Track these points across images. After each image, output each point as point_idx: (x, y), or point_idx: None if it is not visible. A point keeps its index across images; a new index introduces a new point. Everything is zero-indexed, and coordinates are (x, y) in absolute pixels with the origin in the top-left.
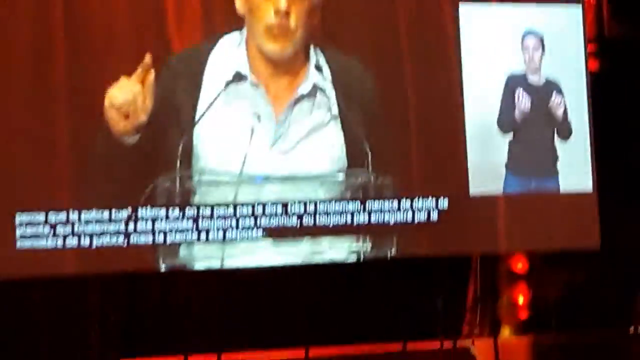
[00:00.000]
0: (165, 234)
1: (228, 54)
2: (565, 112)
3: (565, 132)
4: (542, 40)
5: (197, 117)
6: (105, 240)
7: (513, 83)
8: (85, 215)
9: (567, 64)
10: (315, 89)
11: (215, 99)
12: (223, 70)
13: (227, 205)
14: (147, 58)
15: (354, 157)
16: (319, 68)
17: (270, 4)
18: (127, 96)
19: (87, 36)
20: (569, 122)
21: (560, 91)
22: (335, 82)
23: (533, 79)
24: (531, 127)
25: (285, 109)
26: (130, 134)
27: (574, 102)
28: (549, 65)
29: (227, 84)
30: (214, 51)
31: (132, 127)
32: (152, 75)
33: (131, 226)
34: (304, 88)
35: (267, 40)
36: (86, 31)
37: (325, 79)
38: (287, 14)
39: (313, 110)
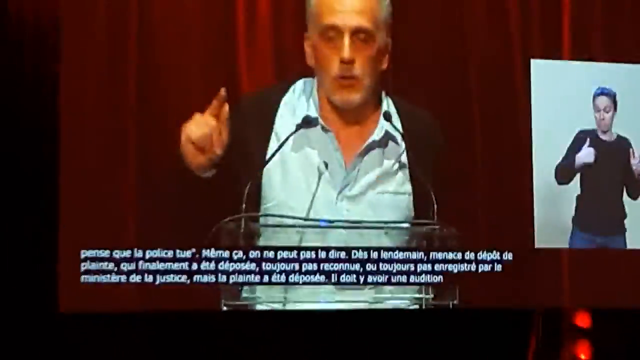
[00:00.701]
0: (228, 274)
1: (300, 99)
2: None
3: (637, 191)
4: (614, 100)
5: (266, 160)
6: (169, 279)
7: (581, 137)
8: (149, 253)
9: (638, 122)
10: (386, 137)
11: (285, 141)
12: (294, 115)
13: (291, 249)
14: (222, 91)
15: (421, 207)
16: (389, 116)
17: (335, 54)
18: (204, 130)
19: (158, 75)
20: (637, 181)
21: (631, 149)
22: (406, 131)
23: (603, 136)
24: (599, 183)
25: (355, 157)
26: (207, 168)
27: None
28: (621, 122)
29: (298, 127)
30: (286, 95)
31: (209, 161)
32: (226, 109)
33: (194, 266)
34: (375, 136)
35: (335, 90)
36: (158, 70)
37: (395, 128)
38: (352, 62)
39: (383, 159)
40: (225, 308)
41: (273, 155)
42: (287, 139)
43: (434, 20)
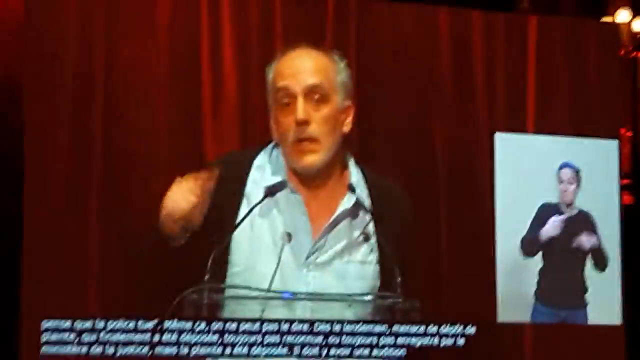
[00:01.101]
0: (190, 346)
1: (269, 165)
2: (599, 243)
3: (602, 263)
4: (577, 174)
5: (235, 225)
6: (130, 350)
7: (544, 210)
8: (111, 324)
9: (601, 197)
10: (355, 207)
11: (252, 209)
12: (264, 179)
13: (254, 321)
14: (216, 172)
15: (387, 278)
16: (353, 188)
17: (291, 117)
18: (187, 206)
19: (124, 143)
20: (604, 253)
21: (593, 223)
22: (374, 202)
23: (566, 210)
24: (561, 257)
25: (324, 227)
26: (182, 239)
27: (605, 234)
28: (583, 197)
29: (269, 192)
30: (258, 158)
31: (186, 233)
32: (212, 184)
33: (157, 337)
34: (344, 206)
35: (295, 156)
36: (123, 138)
37: (365, 196)
38: (306, 122)
39: (351, 229)
40: None
41: (240, 223)
42: (253, 207)
43: (402, 90)
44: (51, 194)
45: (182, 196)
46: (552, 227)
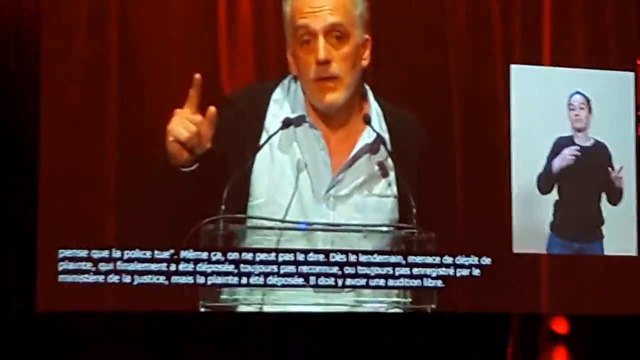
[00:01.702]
0: (206, 276)
1: (286, 97)
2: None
3: (617, 196)
4: (588, 102)
5: (252, 158)
6: (147, 279)
7: (559, 144)
8: (127, 254)
9: (616, 129)
10: (375, 142)
11: (270, 138)
12: (283, 112)
13: (269, 251)
14: (197, 77)
15: (405, 210)
16: (368, 119)
17: (312, 57)
18: (191, 130)
19: (139, 73)
20: (619, 186)
21: (609, 154)
22: (392, 135)
23: (580, 140)
24: (577, 189)
25: (343, 162)
26: (193, 163)
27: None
28: (598, 128)
29: (284, 125)
30: (276, 92)
31: (195, 156)
32: (213, 109)
33: (173, 267)
34: (364, 141)
35: (316, 94)
36: (138, 68)
37: (383, 131)
38: (328, 62)
39: (370, 162)
40: (203, 309)
41: (256, 153)
42: (271, 136)
43: (416, 23)
44: (67, 124)
45: (184, 122)
46: (564, 158)
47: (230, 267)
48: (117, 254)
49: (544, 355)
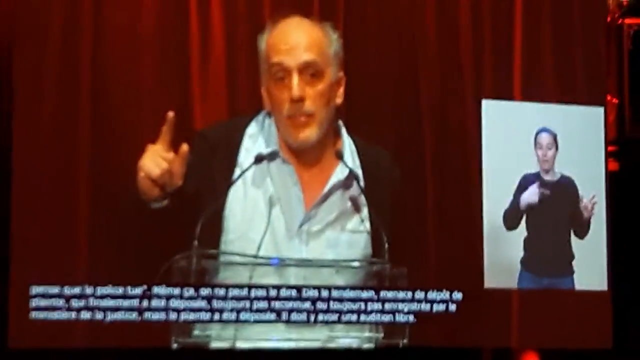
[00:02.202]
0: (178, 312)
1: (260, 132)
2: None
3: (584, 230)
4: (555, 139)
5: (227, 194)
6: (119, 316)
7: (526, 181)
8: (99, 290)
9: (584, 163)
10: (348, 178)
11: (244, 172)
12: (256, 148)
13: (242, 287)
14: (170, 115)
15: (378, 246)
16: (340, 155)
17: (286, 94)
18: (162, 167)
19: (111, 111)
20: (585, 220)
21: (575, 188)
22: (365, 171)
23: (547, 176)
24: (546, 224)
25: (316, 199)
26: (162, 200)
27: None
28: (564, 163)
29: (258, 159)
30: (250, 127)
31: (165, 193)
32: (185, 147)
33: (145, 303)
34: (337, 176)
35: (289, 131)
36: (110, 104)
37: (356, 167)
38: (302, 99)
39: (343, 198)
40: (175, 346)
41: (229, 188)
42: (244, 171)
43: (387, 57)
44: (39, 160)
45: (156, 158)
46: (530, 194)
47: (203, 303)
48: (89, 290)
49: None
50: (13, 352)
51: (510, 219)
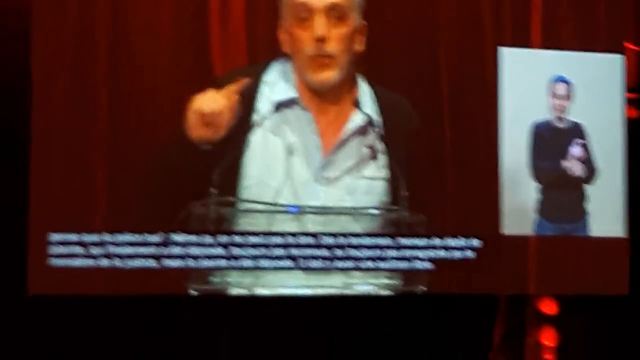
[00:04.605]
0: (197, 259)
1: (278, 79)
2: (587, 153)
3: (592, 173)
4: (571, 88)
5: (246, 140)
6: (137, 263)
7: (539, 130)
8: (118, 237)
9: (605, 111)
10: (365, 124)
11: (263, 120)
12: (274, 93)
13: (260, 234)
14: (246, 81)
15: (395, 193)
16: (358, 103)
17: (309, 34)
18: (217, 106)
19: (131, 59)
20: (592, 163)
21: (582, 134)
22: (384, 118)
23: (558, 124)
24: (561, 177)
25: (335, 144)
26: (205, 144)
27: (607, 147)
28: (577, 109)
29: (277, 106)
30: (266, 74)
31: (210, 138)
32: (237, 97)
33: (164, 250)
34: (355, 123)
35: (311, 70)
36: (130, 52)
37: (375, 114)
38: (326, 39)
39: (361, 145)
40: (193, 292)
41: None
42: (265, 119)
43: (407, 6)
44: (58, 108)
45: (212, 97)
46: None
47: (221, 250)
48: (107, 237)
49: (532, 336)
50: (33, 298)
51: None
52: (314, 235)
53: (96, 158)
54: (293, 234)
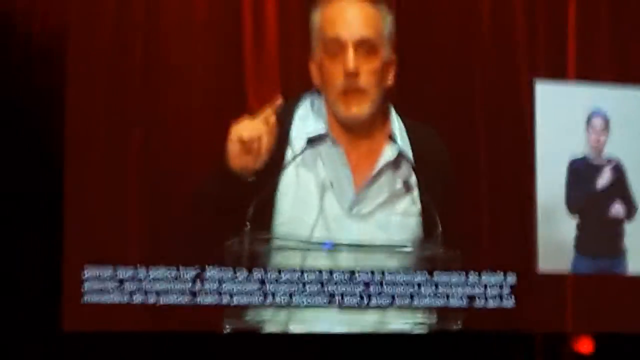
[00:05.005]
0: (231, 295)
1: (309, 114)
2: (627, 190)
3: (631, 210)
4: (608, 123)
5: (280, 177)
6: (172, 299)
7: (575, 167)
8: (152, 272)
9: (637, 145)
10: (398, 159)
11: (295, 157)
12: (306, 129)
13: (295, 270)
14: (279, 100)
15: (429, 228)
16: (395, 138)
17: (340, 68)
18: (255, 132)
19: (164, 88)
20: (633, 199)
21: (621, 169)
22: (414, 150)
23: (596, 161)
24: (596, 207)
25: (366, 180)
26: (251, 171)
27: None
28: (613, 144)
29: (309, 141)
30: (299, 110)
31: (254, 164)
32: (274, 119)
33: (198, 285)
34: (387, 157)
35: (341, 105)
36: (163, 80)
37: (406, 146)
38: (356, 74)
39: (393, 179)
40: (228, 330)
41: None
42: (296, 155)
43: (441, 38)
44: (91, 141)
45: (251, 124)
46: (605, 178)
47: (256, 287)
48: (142, 272)
49: None
50: (68, 335)
51: (575, 207)
52: (348, 272)
53: (129, 192)
54: (328, 271)
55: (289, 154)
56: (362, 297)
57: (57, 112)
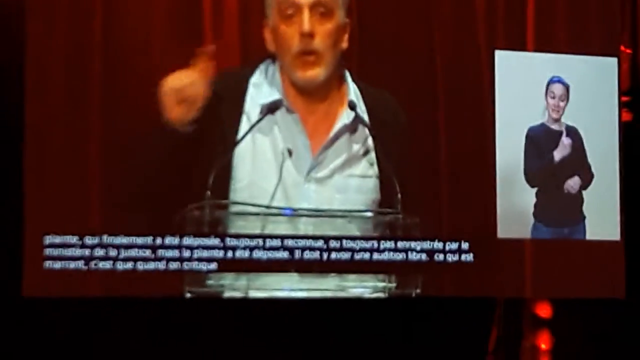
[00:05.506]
0: (191, 261)
1: (263, 81)
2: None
3: (589, 179)
4: (568, 90)
5: (235, 144)
6: (132, 265)
7: (534, 133)
8: (112, 240)
9: (599, 114)
10: (354, 122)
11: (253, 125)
12: (262, 96)
13: (255, 237)
14: (210, 48)
15: (386, 192)
16: (354, 105)
17: (295, 30)
18: (186, 80)
19: (124, 51)
20: (590, 168)
21: (579, 137)
22: (371, 116)
23: (554, 127)
24: (553, 179)
25: (323, 143)
26: (187, 121)
27: (602, 150)
28: (572, 113)
29: (263, 110)
30: (254, 76)
31: (189, 113)
32: (211, 68)
33: (159, 252)
34: (343, 122)
35: (297, 68)
36: (123, 50)
37: (362, 111)
38: (312, 35)
39: (350, 143)
40: (189, 295)
41: (239, 140)
42: (253, 125)
43: (401, 3)
44: (51, 109)
45: (182, 74)
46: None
47: (216, 253)
48: (103, 239)
49: (527, 340)
50: (27, 300)
51: (532, 178)
52: (308, 237)
53: (90, 159)
54: (289, 237)
55: (244, 120)
56: (321, 255)
57: (16, 80)
